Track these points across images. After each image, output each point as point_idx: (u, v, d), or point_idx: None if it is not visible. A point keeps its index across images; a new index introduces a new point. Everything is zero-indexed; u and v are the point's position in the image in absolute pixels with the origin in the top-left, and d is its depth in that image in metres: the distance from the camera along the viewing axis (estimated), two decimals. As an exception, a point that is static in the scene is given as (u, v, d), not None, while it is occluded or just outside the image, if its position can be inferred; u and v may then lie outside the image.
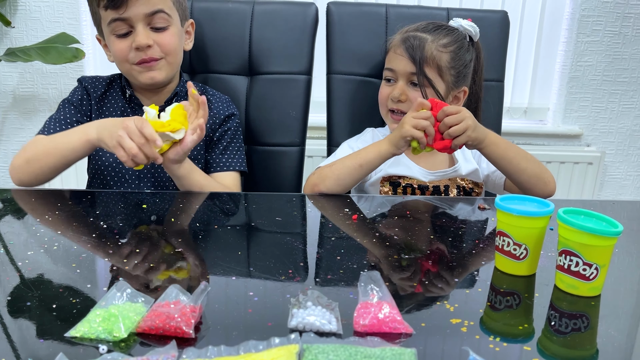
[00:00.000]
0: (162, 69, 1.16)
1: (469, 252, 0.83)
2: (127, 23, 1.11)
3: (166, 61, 1.16)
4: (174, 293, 0.61)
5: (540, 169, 1.13)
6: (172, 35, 1.15)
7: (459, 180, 1.23)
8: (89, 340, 0.55)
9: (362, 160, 1.10)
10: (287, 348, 0.52)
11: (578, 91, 2.10)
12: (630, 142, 2.19)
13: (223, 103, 1.26)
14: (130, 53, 1.12)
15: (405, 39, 1.21)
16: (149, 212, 0.94)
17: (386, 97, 1.23)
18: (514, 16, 1.70)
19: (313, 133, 1.88)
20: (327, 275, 0.72)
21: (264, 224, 0.92)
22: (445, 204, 1.09)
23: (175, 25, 1.16)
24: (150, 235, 0.85)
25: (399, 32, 1.25)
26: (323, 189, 1.11)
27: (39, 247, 0.77)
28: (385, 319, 0.59)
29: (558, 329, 0.62)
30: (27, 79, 1.93)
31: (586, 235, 0.67)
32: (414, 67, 1.18)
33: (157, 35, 1.13)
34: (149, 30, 1.12)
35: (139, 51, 1.11)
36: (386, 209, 1.03)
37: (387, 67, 1.24)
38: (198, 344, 0.55)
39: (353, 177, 1.10)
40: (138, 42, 1.10)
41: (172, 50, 1.16)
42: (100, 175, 1.18)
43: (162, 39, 1.13)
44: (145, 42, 1.10)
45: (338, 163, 1.12)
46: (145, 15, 1.10)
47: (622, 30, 2.05)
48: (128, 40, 1.12)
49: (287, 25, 1.36)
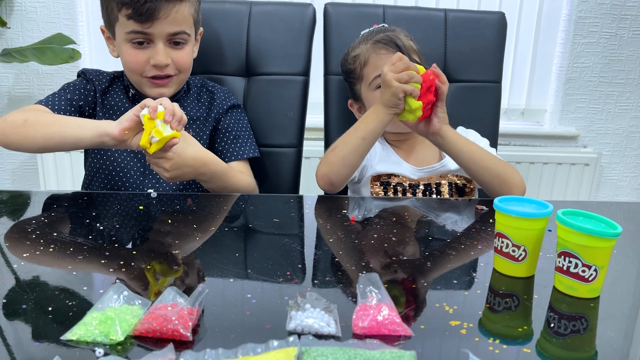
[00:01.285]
0: (173, 85, 1.17)
1: (467, 254, 0.83)
2: (148, 37, 1.10)
3: (178, 78, 1.17)
4: (171, 295, 0.60)
5: (504, 170, 1.12)
6: (188, 54, 1.16)
7: (450, 176, 1.23)
8: (85, 343, 0.54)
9: (363, 132, 1.09)
10: (286, 351, 0.52)
11: (575, 92, 2.11)
12: (627, 144, 2.19)
13: (225, 94, 1.27)
14: (145, 66, 1.12)
15: (378, 40, 1.21)
16: (146, 214, 0.94)
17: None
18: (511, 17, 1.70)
19: (310, 134, 1.87)
20: (325, 277, 0.72)
21: (261, 226, 0.91)
22: (444, 205, 1.09)
23: (191, 42, 1.17)
24: (147, 237, 0.84)
25: (358, 45, 1.25)
26: (333, 177, 1.11)
27: (34, 249, 0.77)
28: (384, 321, 0.58)
29: (557, 330, 0.62)
30: (22, 79, 1.93)
31: (585, 236, 0.66)
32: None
33: (174, 53, 1.13)
34: (168, 47, 1.12)
35: (155, 68, 1.12)
36: (384, 211, 1.03)
37: (377, 74, 1.20)
38: (196, 347, 0.55)
39: (357, 152, 1.10)
40: (158, 60, 1.10)
41: (187, 68, 1.17)
42: (102, 174, 1.18)
43: (179, 57, 1.14)
44: (165, 62, 1.11)
45: (340, 143, 1.12)
46: (169, 34, 1.11)
47: (618, 32, 2.05)
48: (145, 53, 1.11)
49: (284, 26, 1.36)
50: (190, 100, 1.25)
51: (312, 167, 1.99)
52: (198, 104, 1.25)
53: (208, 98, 1.26)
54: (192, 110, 1.23)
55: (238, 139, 1.23)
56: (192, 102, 1.25)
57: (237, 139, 1.23)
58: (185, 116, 0.98)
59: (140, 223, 0.90)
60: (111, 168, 1.17)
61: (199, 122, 1.23)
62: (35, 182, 2.02)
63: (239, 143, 1.23)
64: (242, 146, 1.23)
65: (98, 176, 1.19)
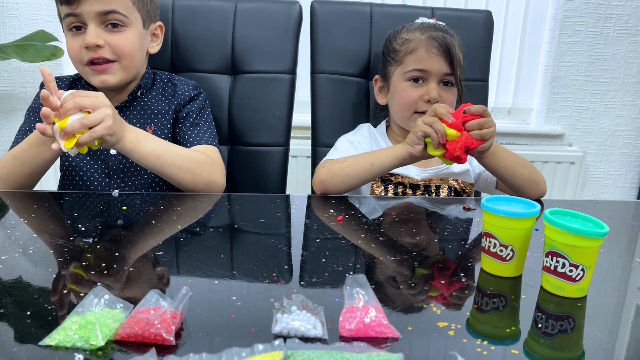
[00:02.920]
0: (116, 73, 1.11)
1: (455, 254, 0.82)
2: (80, 20, 1.07)
3: (120, 65, 1.11)
4: (153, 298, 0.59)
5: (533, 173, 1.13)
6: (128, 38, 1.10)
7: (451, 180, 1.23)
8: (64, 348, 0.53)
9: (375, 160, 1.08)
10: (271, 355, 0.51)
11: (560, 91, 2.12)
12: (611, 142, 2.21)
13: (189, 86, 1.24)
14: (82, 52, 1.08)
15: (435, 38, 1.18)
16: (129, 214, 0.92)
17: (416, 98, 1.19)
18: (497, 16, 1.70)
19: (297, 133, 1.87)
20: (312, 279, 0.71)
21: (247, 226, 0.90)
22: (431, 205, 1.08)
23: (135, 27, 1.12)
24: (129, 239, 0.83)
25: (414, 31, 1.21)
26: (330, 187, 1.10)
27: (13, 251, 0.75)
28: (372, 323, 0.57)
29: (545, 330, 0.61)
30: (4, 77, 1.89)
31: (572, 236, 0.66)
32: (448, 67, 1.17)
33: (110, 36, 1.09)
34: (102, 29, 1.08)
35: (89, 50, 1.07)
36: (371, 210, 1.02)
37: (417, 68, 1.19)
38: (179, 352, 0.54)
39: (362, 176, 1.09)
40: (87, 40, 1.06)
41: (126, 52, 1.11)
42: (70, 175, 1.17)
43: (115, 40, 1.09)
44: (94, 42, 1.06)
45: (350, 160, 1.11)
46: (98, 14, 1.06)
47: (603, 31, 2.07)
48: (80, 38, 1.08)
49: (270, 24, 1.34)
50: (155, 94, 1.21)
51: (299, 166, 1.99)
52: (162, 98, 1.22)
53: (171, 91, 1.22)
54: (155, 104, 1.20)
55: (197, 126, 1.20)
56: (156, 95, 1.21)
57: (195, 126, 1.20)
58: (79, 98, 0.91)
59: (124, 224, 0.88)
60: (74, 173, 1.16)
61: (160, 116, 1.19)
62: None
63: (197, 129, 1.19)
64: (200, 133, 1.19)
65: (67, 177, 1.17)
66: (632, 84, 2.14)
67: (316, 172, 1.14)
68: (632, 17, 2.06)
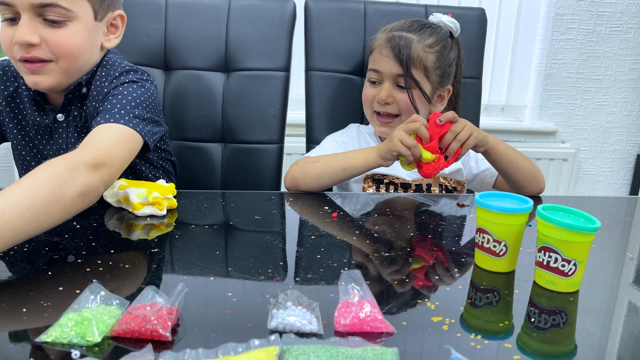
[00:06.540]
0: (51, 74, 0.95)
1: (449, 249, 0.83)
2: (13, 10, 0.90)
3: (57, 65, 0.94)
4: (149, 295, 0.59)
5: (533, 167, 1.14)
6: (70, 35, 0.93)
7: (442, 179, 1.23)
8: (61, 345, 0.53)
9: (347, 165, 1.08)
10: (267, 350, 0.51)
11: (553, 88, 2.13)
12: (604, 139, 2.23)
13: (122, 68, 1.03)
14: (14, 46, 0.92)
15: (390, 39, 1.17)
16: (124, 211, 0.92)
17: (371, 98, 1.21)
18: (491, 14, 1.71)
19: (292, 130, 1.86)
20: (307, 275, 0.71)
21: (242, 223, 0.90)
22: (425, 201, 1.09)
23: (81, 20, 0.94)
24: (125, 235, 0.83)
25: (382, 31, 1.23)
26: (302, 186, 1.10)
27: (8, 249, 0.74)
28: (367, 318, 0.58)
29: (538, 325, 0.62)
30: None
31: (565, 231, 0.67)
32: (400, 68, 1.16)
33: (48, 31, 0.91)
34: (39, 23, 0.91)
35: (20, 48, 0.91)
36: (366, 207, 1.03)
37: (372, 68, 1.21)
38: (175, 347, 0.54)
39: (334, 179, 1.10)
40: (17, 37, 0.89)
41: (66, 52, 0.94)
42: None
43: (53, 37, 0.92)
44: (26, 40, 0.89)
45: (322, 161, 1.11)
46: (33, 6, 0.89)
47: (595, 29, 2.08)
48: (12, 30, 0.91)
49: (264, 21, 1.34)
50: (95, 94, 1.01)
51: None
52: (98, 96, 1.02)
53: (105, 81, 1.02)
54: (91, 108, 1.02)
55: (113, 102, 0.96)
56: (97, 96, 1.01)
57: (112, 104, 0.96)
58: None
59: (118, 220, 0.88)
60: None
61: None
62: (11, 179, 1.97)
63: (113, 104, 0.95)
64: (115, 109, 0.94)
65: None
66: (624, 81, 2.16)
67: (289, 169, 1.14)
68: (624, 14, 2.08)
